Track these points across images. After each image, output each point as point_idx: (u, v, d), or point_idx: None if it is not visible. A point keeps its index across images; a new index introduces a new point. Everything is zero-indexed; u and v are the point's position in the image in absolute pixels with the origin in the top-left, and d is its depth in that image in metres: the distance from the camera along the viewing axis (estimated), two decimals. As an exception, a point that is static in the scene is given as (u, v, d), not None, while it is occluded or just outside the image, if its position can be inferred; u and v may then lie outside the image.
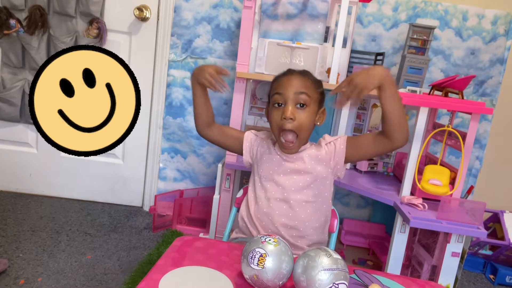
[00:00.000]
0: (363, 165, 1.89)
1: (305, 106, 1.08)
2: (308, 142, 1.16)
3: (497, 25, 2.07)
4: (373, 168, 1.94)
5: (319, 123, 1.16)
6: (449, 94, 1.61)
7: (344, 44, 1.82)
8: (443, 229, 1.41)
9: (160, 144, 2.27)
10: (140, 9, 2.05)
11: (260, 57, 1.75)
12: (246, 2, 1.65)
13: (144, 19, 2.10)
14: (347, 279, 0.74)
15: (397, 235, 1.49)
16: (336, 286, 0.72)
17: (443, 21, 2.07)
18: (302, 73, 1.12)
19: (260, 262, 0.75)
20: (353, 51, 1.96)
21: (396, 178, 1.90)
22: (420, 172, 1.57)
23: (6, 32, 2.00)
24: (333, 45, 1.71)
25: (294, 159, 1.12)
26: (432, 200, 1.53)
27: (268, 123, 1.15)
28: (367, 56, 1.97)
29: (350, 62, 1.91)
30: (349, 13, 1.82)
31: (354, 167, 1.94)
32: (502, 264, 2.00)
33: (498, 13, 2.05)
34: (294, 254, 0.82)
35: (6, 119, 2.18)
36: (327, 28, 1.95)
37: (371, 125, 1.97)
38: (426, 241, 1.63)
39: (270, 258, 0.76)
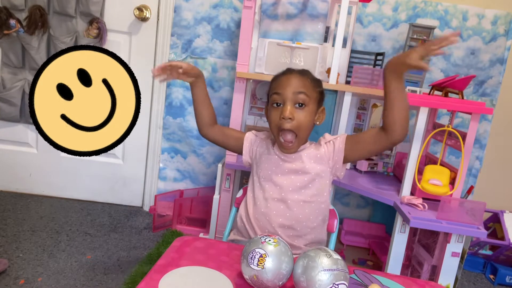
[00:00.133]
0: (363, 165, 1.89)
1: (304, 106, 1.08)
2: (308, 142, 1.16)
3: (497, 25, 2.06)
4: (373, 168, 1.94)
5: (319, 123, 1.15)
6: (449, 94, 1.61)
7: (344, 44, 1.82)
8: (443, 229, 1.41)
9: (160, 144, 2.27)
10: (140, 9, 2.05)
11: (260, 57, 1.75)
12: (246, 2, 1.65)
13: (144, 19, 2.10)
14: (347, 280, 0.74)
15: (397, 235, 1.49)
16: (336, 287, 0.72)
17: (443, 21, 2.07)
18: (301, 73, 1.11)
19: (260, 263, 0.75)
20: (353, 51, 1.96)
21: (396, 178, 1.89)
22: (420, 172, 1.57)
23: (6, 32, 2.00)
24: (333, 45, 1.71)
25: (293, 159, 1.12)
26: (432, 200, 1.52)
27: (268, 123, 1.15)
28: (367, 56, 1.97)
29: (350, 62, 1.91)
30: (349, 13, 1.82)
31: (354, 167, 1.94)
32: (502, 264, 2.00)
33: (498, 13, 2.05)
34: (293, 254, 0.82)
35: (6, 119, 2.18)
36: (327, 28, 1.95)
37: (371, 125, 1.97)
38: (426, 241, 1.63)
39: (270, 259, 0.76)
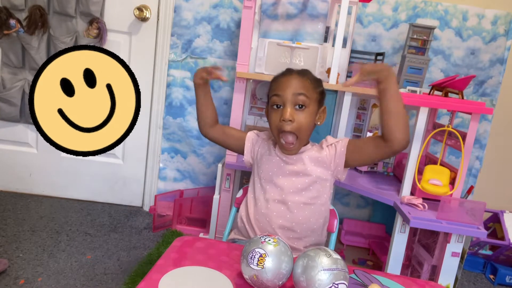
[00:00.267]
0: (364, 166, 1.89)
1: (304, 107, 1.07)
2: (309, 143, 1.15)
3: (497, 25, 2.06)
4: (373, 168, 1.94)
5: (320, 123, 1.14)
6: (449, 94, 1.61)
7: (344, 44, 1.82)
8: (443, 229, 1.41)
9: (160, 144, 2.27)
10: (140, 9, 2.05)
11: (260, 57, 1.75)
12: (246, 2, 1.65)
13: (144, 19, 2.10)
14: (347, 279, 0.74)
15: (397, 235, 1.49)
16: (336, 286, 0.72)
17: (443, 21, 2.07)
18: (301, 73, 1.10)
19: (260, 262, 0.75)
20: (353, 51, 1.96)
21: (396, 178, 1.89)
22: (420, 172, 1.57)
23: (6, 32, 2.00)
24: (333, 45, 1.71)
25: (294, 161, 1.11)
26: (432, 200, 1.52)
27: (269, 124, 1.14)
28: (367, 56, 1.97)
29: (350, 62, 1.91)
30: (349, 13, 1.82)
31: (354, 167, 1.94)
32: (502, 264, 2.00)
33: (498, 13, 2.05)
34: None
35: (6, 119, 2.18)
36: (327, 28, 1.95)
37: (371, 125, 1.97)
38: (426, 241, 1.63)
39: (270, 258, 0.76)
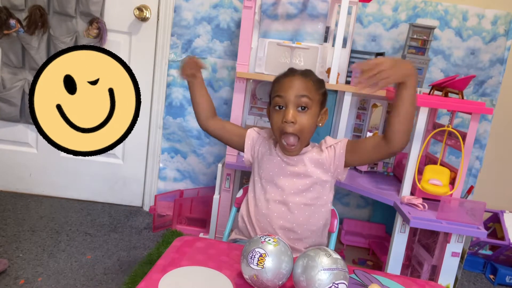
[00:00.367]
0: (363, 165, 1.89)
1: (307, 109, 1.06)
2: (310, 144, 1.15)
3: (497, 25, 2.06)
4: (373, 168, 1.94)
5: (321, 124, 1.14)
6: (449, 94, 1.61)
7: (344, 44, 1.82)
8: (443, 229, 1.41)
9: (160, 144, 2.27)
10: (140, 9, 2.05)
11: (260, 57, 1.75)
12: (246, 2, 1.65)
13: (144, 19, 2.10)
14: (347, 279, 0.74)
15: (397, 235, 1.49)
16: (336, 286, 0.72)
17: (443, 21, 2.07)
18: (304, 74, 1.10)
19: (260, 262, 0.75)
20: (353, 51, 1.96)
21: (396, 178, 1.89)
22: (420, 172, 1.57)
23: (6, 32, 2.00)
24: (333, 45, 1.72)
25: (295, 162, 1.11)
26: (432, 200, 1.52)
27: (269, 123, 1.14)
28: (367, 56, 1.97)
29: (350, 62, 1.90)
30: (349, 13, 1.82)
31: (354, 167, 1.94)
32: (502, 264, 2.00)
33: (498, 13, 2.05)
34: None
35: (6, 119, 2.18)
36: (327, 28, 1.95)
37: (371, 125, 1.97)
38: (426, 241, 1.63)
39: (270, 258, 0.76)
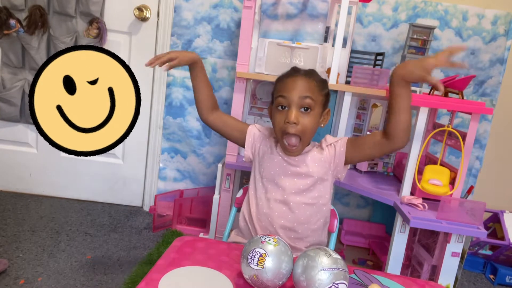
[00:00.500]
0: (363, 165, 1.89)
1: (309, 110, 1.06)
2: (311, 143, 1.15)
3: (497, 25, 2.06)
4: (373, 168, 1.94)
5: (323, 125, 1.14)
6: (449, 94, 1.61)
7: (344, 44, 1.82)
8: (443, 229, 1.41)
9: (160, 144, 2.27)
10: (140, 9, 2.05)
11: (260, 57, 1.75)
12: (246, 2, 1.65)
13: (144, 19, 2.10)
14: (347, 279, 0.74)
15: (397, 235, 1.49)
16: (336, 286, 0.72)
17: (443, 21, 2.07)
18: (307, 75, 1.09)
19: (260, 262, 0.75)
20: (353, 51, 1.96)
21: (396, 178, 1.89)
22: (420, 172, 1.57)
23: (6, 32, 2.00)
24: (333, 45, 1.71)
25: (296, 161, 1.11)
26: (432, 200, 1.52)
27: (269, 123, 1.14)
28: (367, 56, 1.97)
29: (350, 62, 1.91)
30: (349, 13, 1.82)
31: (354, 167, 1.94)
32: (502, 264, 2.00)
33: (498, 13, 2.05)
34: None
35: (6, 119, 2.18)
36: (327, 28, 1.95)
37: (371, 125, 1.97)
38: (426, 241, 1.63)
39: (270, 258, 0.76)
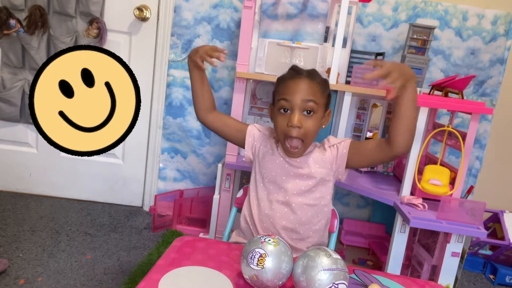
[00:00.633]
0: (364, 167, 1.89)
1: (312, 113, 1.05)
2: (312, 144, 1.14)
3: (497, 25, 2.06)
4: (373, 168, 1.94)
5: (324, 126, 1.13)
6: (449, 94, 1.61)
7: (344, 44, 1.82)
8: (443, 229, 1.41)
9: (160, 144, 2.27)
10: (140, 9, 2.05)
11: (260, 57, 1.75)
12: (246, 2, 1.65)
13: (144, 19, 2.10)
14: (347, 279, 0.74)
15: (397, 235, 1.49)
16: (336, 286, 0.72)
17: (443, 21, 2.07)
18: (310, 76, 1.07)
19: (260, 262, 0.75)
20: (353, 51, 1.96)
21: (396, 178, 1.89)
22: (420, 172, 1.57)
23: (6, 32, 2.00)
24: (333, 45, 1.71)
25: (298, 163, 1.10)
26: (432, 200, 1.53)
27: (269, 123, 1.13)
28: (367, 56, 1.97)
29: (350, 62, 1.91)
30: (349, 13, 1.82)
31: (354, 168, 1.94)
32: (502, 264, 2.00)
33: (498, 13, 2.05)
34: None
35: (6, 119, 2.18)
36: (327, 28, 1.95)
37: (371, 125, 1.97)
38: (426, 241, 1.63)
39: (270, 258, 0.76)
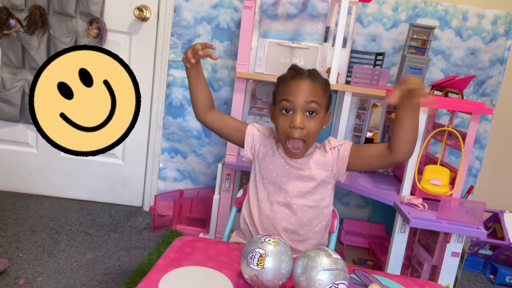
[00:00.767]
0: (363, 171, 1.89)
1: (314, 114, 1.05)
2: (312, 145, 1.13)
3: (497, 25, 2.06)
4: (373, 168, 1.94)
5: (325, 126, 1.12)
6: (449, 94, 1.61)
7: (344, 44, 1.82)
8: (443, 229, 1.41)
9: (160, 144, 2.27)
10: (140, 9, 2.05)
11: (260, 57, 1.75)
12: (246, 2, 1.65)
13: (144, 19, 2.10)
14: (347, 279, 0.74)
15: (397, 235, 1.49)
16: (336, 286, 0.72)
17: (443, 21, 2.07)
18: (311, 77, 1.07)
19: (260, 262, 0.75)
20: (353, 51, 1.96)
21: (396, 178, 1.90)
22: (420, 172, 1.57)
23: (6, 32, 2.00)
24: (333, 45, 1.71)
25: (299, 164, 1.09)
26: (432, 200, 1.53)
27: (269, 123, 1.13)
28: (367, 56, 1.97)
29: (350, 62, 1.91)
30: (349, 13, 1.82)
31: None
32: (502, 264, 2.00)
33: (498, 13, 2.05)
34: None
35: (6, 119, 2.18)
36: (327, 28, 1.95)
37: (371, 125, 1.97)
38: (426, 241, 1.63)
39: (270, 258, 0.76)
